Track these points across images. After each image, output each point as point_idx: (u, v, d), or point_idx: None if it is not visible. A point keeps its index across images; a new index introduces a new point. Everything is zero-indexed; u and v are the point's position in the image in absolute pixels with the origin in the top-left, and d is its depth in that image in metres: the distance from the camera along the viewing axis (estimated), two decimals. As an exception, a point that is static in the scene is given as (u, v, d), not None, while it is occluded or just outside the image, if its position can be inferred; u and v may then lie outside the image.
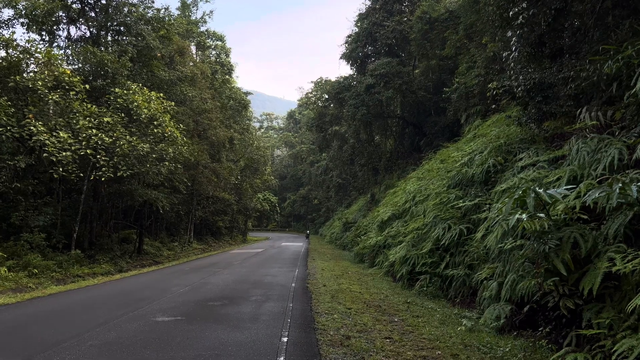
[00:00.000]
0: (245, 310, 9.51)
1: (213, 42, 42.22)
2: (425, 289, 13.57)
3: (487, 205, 12.29)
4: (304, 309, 9.68)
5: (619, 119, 10.46)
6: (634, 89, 9.03)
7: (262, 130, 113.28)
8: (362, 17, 40.45)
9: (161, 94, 22.14)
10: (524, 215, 8.52)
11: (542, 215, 8.02)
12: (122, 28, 25.79)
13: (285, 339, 6.98)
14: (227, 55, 43.37)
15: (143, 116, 20.16)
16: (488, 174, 14.25)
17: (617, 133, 9.95)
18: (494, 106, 15.03)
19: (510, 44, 12.15)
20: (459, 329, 8.50)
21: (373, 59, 40.46)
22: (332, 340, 6.94)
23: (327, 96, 42.20)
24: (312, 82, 56.53)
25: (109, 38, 26.65)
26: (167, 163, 20.96)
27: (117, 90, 20.48)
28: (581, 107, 11.98)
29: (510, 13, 12.34)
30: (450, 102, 29.03)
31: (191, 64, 31.26)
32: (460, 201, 14.17)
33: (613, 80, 10.76)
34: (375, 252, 22.28)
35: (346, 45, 41.45)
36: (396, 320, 9.13)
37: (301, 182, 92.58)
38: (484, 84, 24.84)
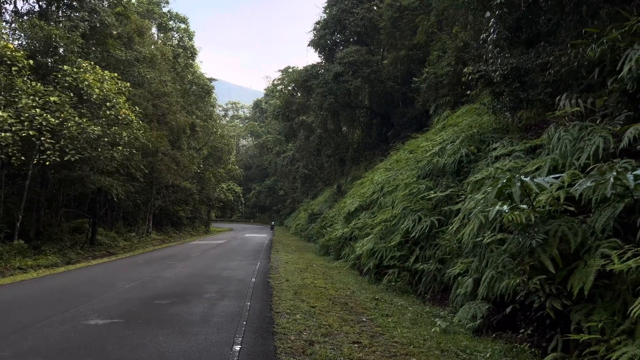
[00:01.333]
0: (196, 310, 8.46)
1: (175, 24, 40.33)
2: (393, 283, 12.87)
3: (462, 197, 11.62)
4: (263, 308, 8.71)
5: (600, 106, 9.90)
6: (621, 74, 8.44)
7: (228, 119, 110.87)
8: (331, 4, 39.40)
9: (116, 74, 20.58)
10: (505, 207, 7.83)
11: (524, 206, 7.34)
12: (74, 3, 23.96)
13: (237, 347, 5.99)
14: (191, 39, 41.51)
15: (94, 96, 18.63)
16: (460, 163, 13.63)
17: (598, 121, 9.39)
18: (468, 92, 14.39)
19: (489, 26, 11.45)
20: (433, 330, 7.75)
21: (342, 47, 39.52)
22: (292, 348, 6.02)
23: (294, 84, 41.07)
24: (279, 70, 55.14)
25: (60, 13, 24.78)
26: (120, 148, 19.48)
27: (65, 67, 18.85)
28: (559, 94, 11.45)
29: (489, -7, 11.67)
30: (419, 92, 28.52)
31: (152, 46, 29.56)
32: (432, 192, 13.48)
33: (595, 65, 10.21)
34: (341, 245, 21.54)
35: (314, 32, 40.33)
36: (364, 320, 8.31)
37: (267, 172, 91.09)
38: (453, 74, 24.39)
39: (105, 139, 18.73)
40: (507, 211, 7.77)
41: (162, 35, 39.23)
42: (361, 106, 39.63)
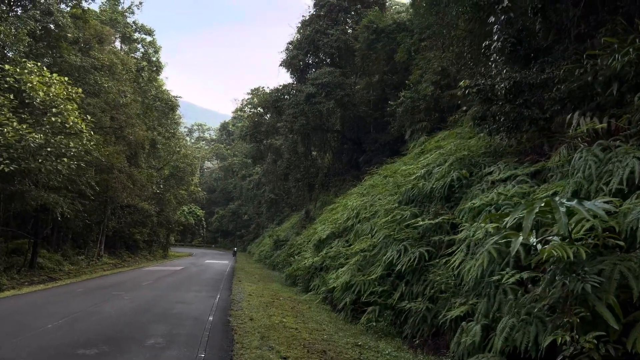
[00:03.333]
0: (130, 365, 6.46)
1: (140, 35, 38.37)
2: (374, 324, 11.16)
3: (456, 225, 10.11)
4: (221, 362, 6.79)
5: (623, 124, 8.63)
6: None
7: (193, 140, 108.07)
8: (305, 24, 38.37)
9: (66, 78, 18.45)
10: (532, 239, 6.31)
11: (555, 238, 5.84)
12: (26, 2, 21.87)
13: None
14: (156, 52, 39.52)
15: (38, 100, 16.45)
16: (451, 188, 12.18)
17: (618, 141, 8.13)
18: (464, 108, 13.07)
19: (493, 33, 10.19)
20: (440, 394, 6.03)
21: (314, 70, 38.42)
22: None
23: (264, 104, 39.55)
24: (248, 93, 53.49)
25: (11, 14, 22.58)
26: (66, 159, 17.21)
27: (7, 67, 16.67)
28: (566, 113, 10.26)
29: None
30: (394, 116, 27.59)
31: (112, 55, 27.48)
32: (419, 219, 11.89)
33: (613, 79, 9.04)
34: (311, 275, 19.72)
35: (287, 52, 39.07)
36: (350, 378, 6.51)
37: (231, 196, 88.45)
38: (431, 99, 23.52)
39: (49, 149, 16.48)
40: (534, 243, 6.28)
41: (125, 47, 37.10)
42: (332, 130, 38.37)
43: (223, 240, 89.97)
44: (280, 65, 39.06)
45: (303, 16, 39.34)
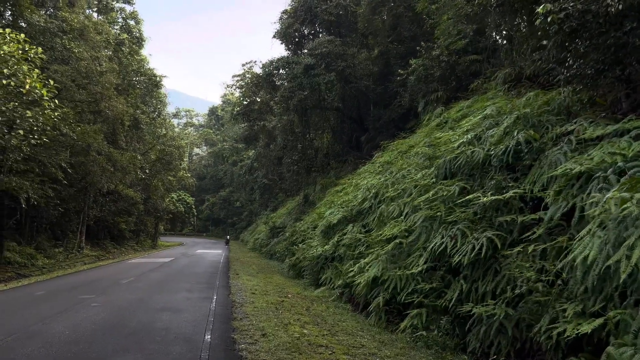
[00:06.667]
0: None
1: (120, 4, 34.76)
2: (423, 333, 8.41)
3: (529, 200, 7.27)
4: None
5: None
6: None
7: (181, 126, 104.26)
8: (301, -9, 35.05)
9: (22, 35, 15.22)
10: None
11: None
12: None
13: None
14: (138, 24, 35.87)
15: (-15, 59, 13.27)
16: (518, 153, 9.32)
17: None
18: (544, 42, 10.11)
19: None
20: None
21: (311, 42, 35.27)
22: None
23: (256, 84, 36.33)
24: (241, 68, 49.93)
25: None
26: (21, 132, 14.06)
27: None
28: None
29: None
30: (405, 87, 24.91)
31: (84, 18, 24.08)
32: (480, 195, 8.99)
33: None
34: (320, 266, 16.95)
35: (281, 21, 35.76)
36: None
37: (222, 183, 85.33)
38: (447, 66, 21.02)
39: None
40: None
41: (102, 17, 33.53)
42: (331, 108, 35.36)
43: (214, 229, 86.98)
44: (274, 36, 35.81)
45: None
